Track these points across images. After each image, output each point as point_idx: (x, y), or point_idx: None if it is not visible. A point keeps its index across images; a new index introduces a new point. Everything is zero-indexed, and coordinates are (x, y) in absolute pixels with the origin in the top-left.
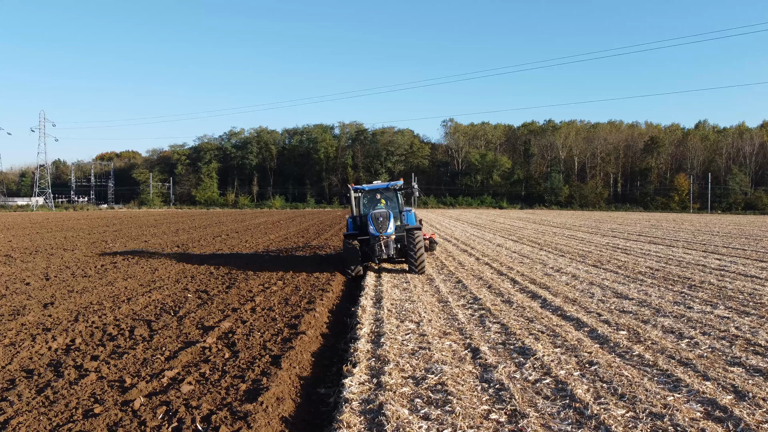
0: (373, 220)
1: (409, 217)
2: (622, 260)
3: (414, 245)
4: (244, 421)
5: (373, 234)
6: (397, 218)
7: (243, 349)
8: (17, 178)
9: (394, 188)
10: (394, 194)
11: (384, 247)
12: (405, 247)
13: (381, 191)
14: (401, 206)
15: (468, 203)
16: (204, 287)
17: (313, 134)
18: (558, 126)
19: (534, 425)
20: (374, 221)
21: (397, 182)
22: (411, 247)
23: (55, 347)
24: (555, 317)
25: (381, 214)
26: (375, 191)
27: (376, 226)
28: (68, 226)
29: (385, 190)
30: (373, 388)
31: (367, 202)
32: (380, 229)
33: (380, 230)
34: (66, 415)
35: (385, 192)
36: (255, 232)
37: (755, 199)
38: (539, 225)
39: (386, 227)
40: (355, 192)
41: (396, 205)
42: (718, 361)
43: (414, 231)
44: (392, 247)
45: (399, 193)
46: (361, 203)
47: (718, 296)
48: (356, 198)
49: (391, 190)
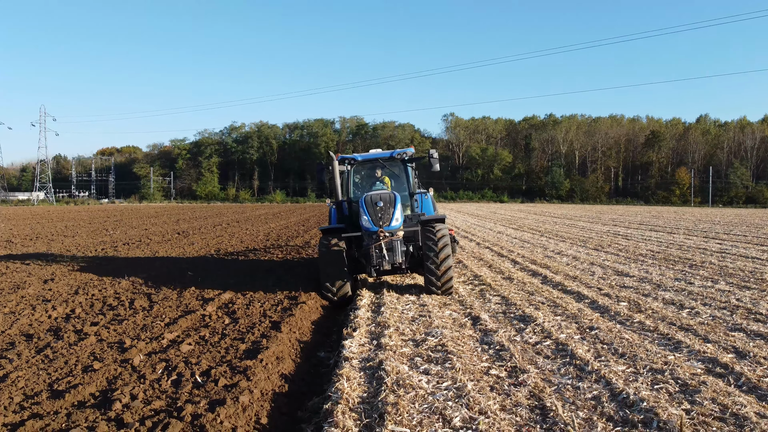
0: (368, 208)
1: (425, 203)
2: (622, 244)
3: (435, 248)
4: (243, 375)
5: (369, 229)
6: (407, 205)
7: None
8: (18, 173)
9: (402, 158)
10: (401, 168)
11: (386, 250)
12: (420, 251)
13: (381, 162)
14: (413, 186)
15: (469, 197)
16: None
17: (313, 129)
18: (559, 120)
19: (534, 379)
20: (370, 209)
21: (407, 149)
22: (430, 252)
23: (55, 315)
24: (555, 291)
25: (382, 197)
26: (372, 163)
27: (373, 216)
28: (69, 218)
29: (388, 162)
30: (373, 348)
31: (361, 179)
32: (380, 222)
33: (380, 223)
34: (65, 371)
35: (387, 164)
36: (238, 226)
37: (756, 192)
38: (540, 216)
39: (390, 218)
40: (341, 163)
41: (404, 184)
42: (719, 327)
43: (434, 225)
44: (399, 251)
45: (409, 166)
46: (351, 181)
47: (719, 274)
48: (343, 173)
49: (397, 160)
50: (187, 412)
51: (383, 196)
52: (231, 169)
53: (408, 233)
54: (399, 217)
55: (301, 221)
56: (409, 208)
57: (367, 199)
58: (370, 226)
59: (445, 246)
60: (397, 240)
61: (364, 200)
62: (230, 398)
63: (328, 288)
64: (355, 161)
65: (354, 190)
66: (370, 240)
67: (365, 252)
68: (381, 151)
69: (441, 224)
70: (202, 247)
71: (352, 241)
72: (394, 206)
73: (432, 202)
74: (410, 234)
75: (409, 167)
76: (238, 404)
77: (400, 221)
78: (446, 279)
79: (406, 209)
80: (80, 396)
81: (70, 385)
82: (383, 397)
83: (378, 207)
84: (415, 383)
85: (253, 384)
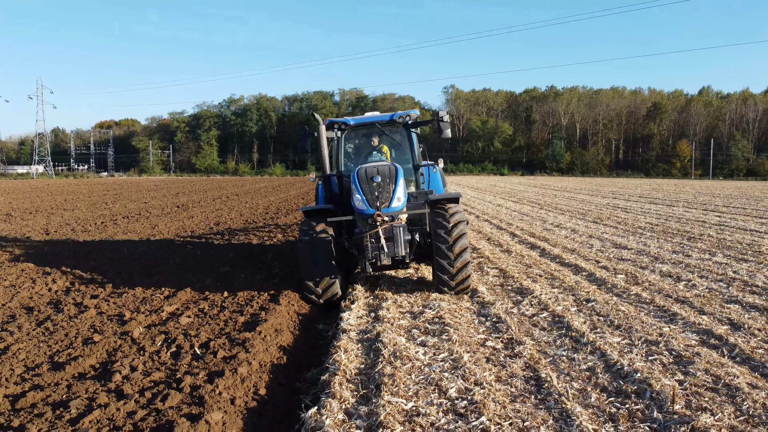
0: (362, 184)
1: (433, 177)
2: (621, 217)
3: (449, 237)
4: (242, 347)
5: (363, 212)
6: (411, 180)
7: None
8: (16, 146)
9: (404, 121)
10: (403, 134)
11: (385, 240)
12: (428, 240)
13: (379, 127)
14: (418, 157)
15: (469, 170)
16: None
17: (313, 101)
18: (560, 92)
19: (530, 351)
20: (365, 186)
21: (411, 111)
22: (442, 242)
23: (55, 289)
24: (553, 264)
25: (380, 170)
26: (368, 128)
27: (368, 195)
28: (68, 191)
29: (388, 126)
30: (371, 320)
31: (354, 148)
32: (377, 202)
33: (377, 204)
34: (65, 343)
35: (386, 129)
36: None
37: (757, 165)
38: (540, 189)
39: (389, 197)
40: (329, 129)
41: (408, 154)
42: (714, 299)
43: (446, 205)
44: (401, 241)
45: (413, 133)
46: (341, 151)
47: (717, 246)
48: (332, 141)
49: (399, 124)
50: (186, 384)
51: (381, 169)
52: (230, 142)
53: (413, 216)
54: (401, 196)
55: (301, 194)
56: (413, 184)
57: (360, 173)
58: (365, 208)
59: (462, 235)
60: (399, 226)
61: (357, 174)
62: (229, 370)
63: (310, 288)
64: (347, 126)
65: (346, 161)
66: (364, 226)
67: (358, 242)
68: (379, 114)
69: (455, 205)
70: (202, 221)
71: (342, 226)
72: (395, 182)
73: (441, 176)
74: (415, 217)
75: (413, 133)
76: (236, 376)
77: (403, 201)
78: (462, 277)
79: (410, 185)
80: (80, 368)
81: (71, 357)
82: (380, 369)
83: (375, 183)
84: (411, 355)
85: (251, 356)
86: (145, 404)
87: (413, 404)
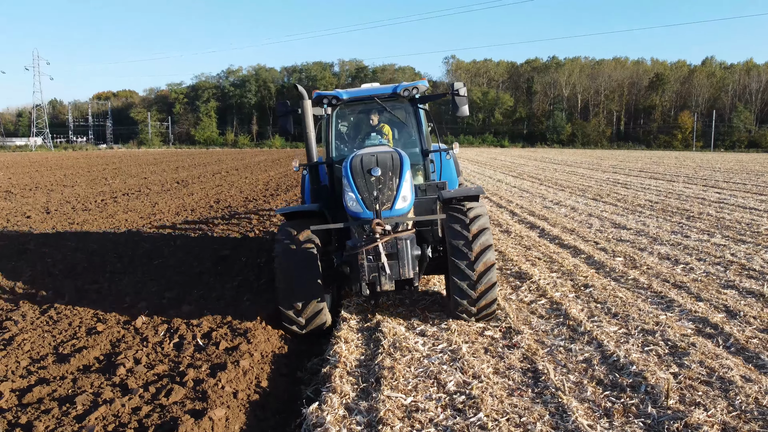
0: (356, 178)
1: (446, 166)
2: (621, 194)
3: (470, 251)
4: (243, 337)
5: (358, 215)
6: (419, 169)
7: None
8: (14, 118)
9: (410, 95)
10: (409, 111)
11: (386, 257)
12: (441, 248)
13: (379, 103)
14: (426, 140)
15: (469, 142)
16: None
17: (312, 72)
18: (562, 63)
19: (528, 341)
20: (359, 180)
21: (418, 82)
22: (460, 257)
23: (56, 272)
24: (552, 246)
25: (380, 159)
26: (365, 103)
27: (364, 193)
28: (68, 165)
29: (389, 101)
30: (371, 308)
31: (348, 129)
32: (376, 203)
33: (376, 205)
34: (69, 333)
35: (388, 105)
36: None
37: (759, 137)
38: (540, 162)
39: (393, 196)
40: (317, 104)
41: (414, 135)
42: (711, 284)
43: (465, 206)
44: (408, 258)
45: (421, 109)
46: (332, 132)
47: (716, 226)
48: (321, 119)
49: (404, 99)
50: (189, 378)
51: (381, 158)
52: (229, 113)
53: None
54: (407, 194)
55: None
56: (421, 174)
57: (354, 163)
58: (360, 211)
59: (486, 248)
60: (406, 238)
61: (351, 165)
62: (231, 362)
63: (290, 317)
64: (339, 101)
65: (338, 144)
66: (360, 235)
67: (351, 258)
68: (378, 86)
69: (476, 205)
70: (202, 198)
71: (330, 235)
72: (400, 175)
73: (455, 163)
74: (425, 221)
75: (420, 110)
76: (238, 368)
77: (410, 201)
78: (486, 303)
79: (417, 175)
80: (85, 360)
81: (75, 348)
82: (380, 361)
83: (373, 177)
84: (411, 345)
85: (253, 347)
86: (149, 399)
87: (412, 399)
